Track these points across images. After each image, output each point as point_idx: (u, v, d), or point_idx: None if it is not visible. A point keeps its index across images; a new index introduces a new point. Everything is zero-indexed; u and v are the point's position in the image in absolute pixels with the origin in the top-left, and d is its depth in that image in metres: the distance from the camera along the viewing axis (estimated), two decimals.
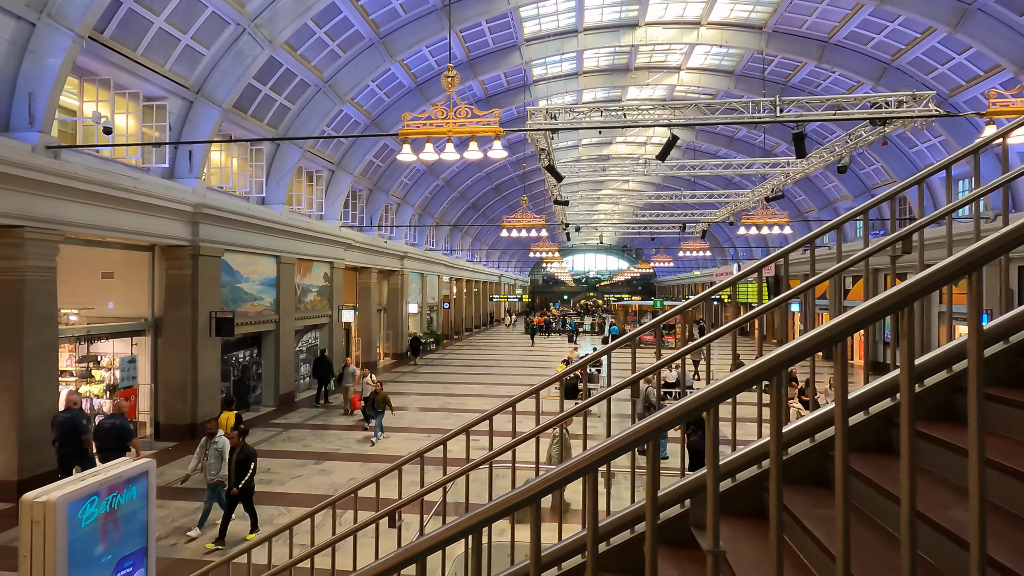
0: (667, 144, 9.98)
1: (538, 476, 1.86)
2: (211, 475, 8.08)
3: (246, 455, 7.87)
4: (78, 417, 8.61)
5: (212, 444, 8.22)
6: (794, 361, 1.60)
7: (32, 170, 9.10)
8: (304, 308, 18.46)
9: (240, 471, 7.79)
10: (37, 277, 9.56)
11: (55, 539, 3.58)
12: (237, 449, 7.86)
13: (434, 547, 1.85)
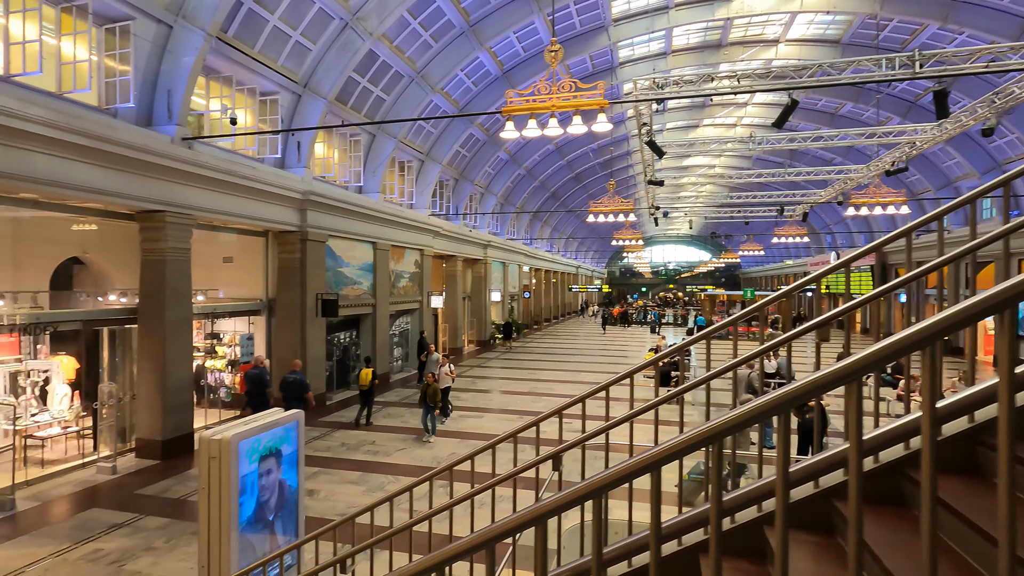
0: (786, 109, 9.31)
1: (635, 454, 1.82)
2: None
3: None
4: (263, 373, 10.91)
5: None
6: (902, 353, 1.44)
7: (171, 159, 10.01)
8: (397, 293, 19.17)
9: None
10: (175, 258, 10.53)
11: (229, 471, 3.89)
12: None
13: (555, 511, 1.83)
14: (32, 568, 6.50)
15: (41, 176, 8.11)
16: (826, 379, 1.50)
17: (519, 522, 1.87)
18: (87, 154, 8.67)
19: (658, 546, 1.75)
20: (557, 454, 3.87)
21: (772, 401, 1.55)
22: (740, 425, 1.61)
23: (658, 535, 1.73)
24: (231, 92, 12.12)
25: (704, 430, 1.64)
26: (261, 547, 4.36)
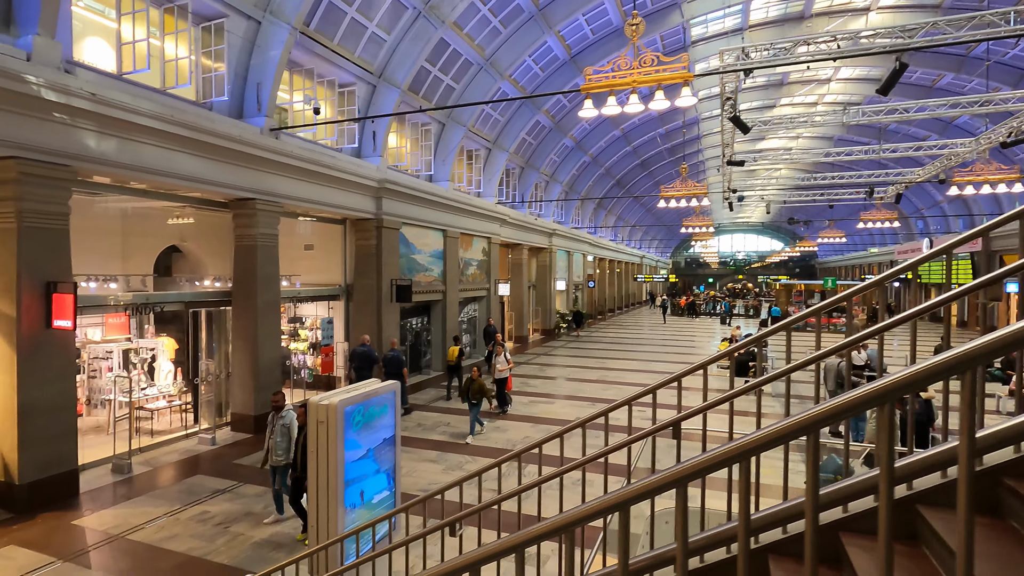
0: (893, 73, 8.49)
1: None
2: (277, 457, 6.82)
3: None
4: (371, 351, 12.36)
5: (279, 419, 6.97)
6: None
7: (261, 149, 10.52)
8: (466, 281, 19.42)
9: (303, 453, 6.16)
10: (265, 243, 11.10)
11: (336, 434, 4.02)
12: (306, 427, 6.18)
13: (641, 496, 1.79)
14: (150, 525, 7.07)
15: (150, 166, 8.73)
16: (938, 367, 1.39)
17: (612, 503, 1.84)
18: (188, 145, 9.25)
19: (747, 539, 1.68)
20: (647, 435, 3.70)
21: (879, 389, 1.46)
22: (841, 414, 1.54)
23: (747, 527, 1.65)
24: (312, 84, 12.59)
25: (804, 418, 1.57)
26: (362, 512, 4.51)
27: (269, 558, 6.25)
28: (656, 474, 1.79)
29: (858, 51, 8.54)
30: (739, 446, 1.63)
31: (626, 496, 1.78)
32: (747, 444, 1.63)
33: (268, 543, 6.59)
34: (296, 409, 6.86)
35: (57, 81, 7.30)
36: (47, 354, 7.53)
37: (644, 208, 48.63)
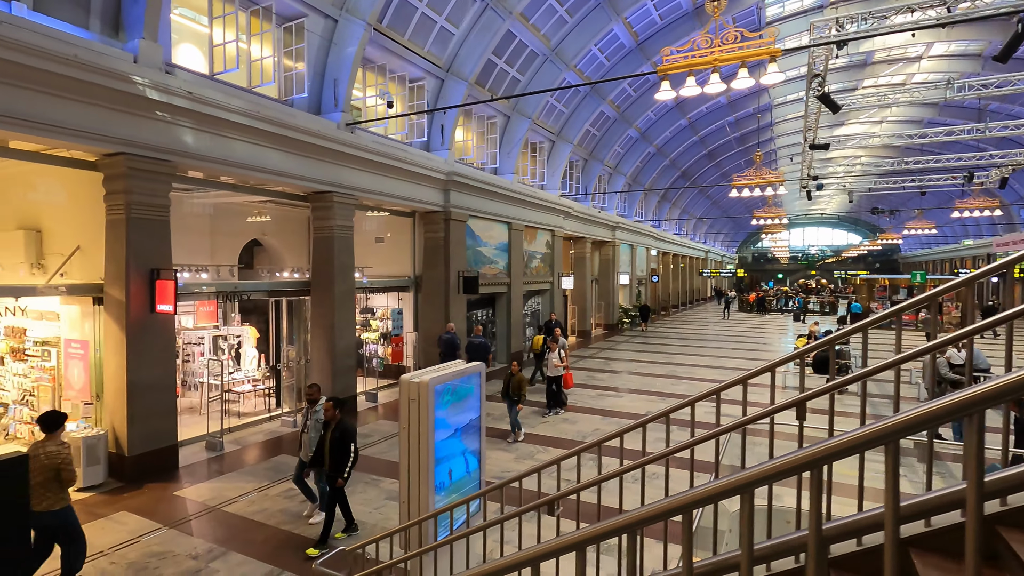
0: (1015, 37, 7.62)
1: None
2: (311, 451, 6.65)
3: (342, 432, 6.22)
4: (455, 338, 13.13)
5: (313, 413, 6.88)
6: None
7: (338, 143, 10.88)
8: (530, 273, 19.40)
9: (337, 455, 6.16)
10: (341, 234, 11.48)
11: (427, 410, 4.05)
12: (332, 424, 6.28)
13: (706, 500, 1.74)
14: (243, 499, 7.46)
15: (239, 160, 9.20)
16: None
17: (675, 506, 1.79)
18: (272, 140, 9.68)
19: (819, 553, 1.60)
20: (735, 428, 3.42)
21: (967, 399, 1.35)
22: (922, 425, 1.44)
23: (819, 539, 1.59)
24: (384, 80, 12.90)
25: (882, 428, 1.45)
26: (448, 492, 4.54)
27: (353, 536, 6.45)
28: (723, 478, 1.75)
29: (971, 14, 7.74)
30: (809, 455, 1.56)
31: (689, 500, 1.75)
32: (818, 453, 1.55)
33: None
34: (324, 403, 6.49)
35: (160, 81, 7.81)
36: (151, 336, 8.09)
37: (710, 200, 46.97)
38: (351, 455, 6.22)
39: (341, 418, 6.34)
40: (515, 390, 9.82)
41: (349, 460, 6.21)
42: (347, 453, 6.19)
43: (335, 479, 6.18)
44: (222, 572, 5.69)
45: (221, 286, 10.38)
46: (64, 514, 5.05)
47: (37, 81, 6.68)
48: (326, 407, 6.41)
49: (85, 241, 8.83)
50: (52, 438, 5.09)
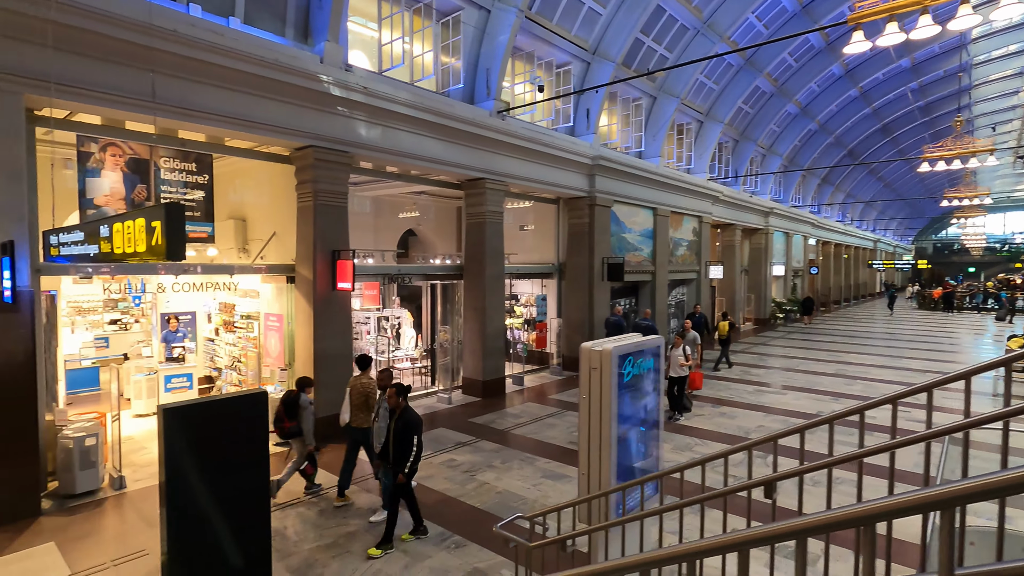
0: None
1: None
2: (382, 440, 6.02)
3: (405, 423, 5.63)
4: (622, 320, 13.96)
5: (384, 400, 6.28)
6: None
7: (490, 130, 11.16)
8: (675, 262, 18.48)
9: (399, 447, 5.56)
10: (492, 220, 11.80)
11: (610, 380, 3.86)
12: (396, 413, 5.70)
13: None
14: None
15: (404, 150, 9.81)
16: None
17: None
18: (432, 129, 10.18)
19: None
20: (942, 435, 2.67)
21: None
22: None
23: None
24: (531, 68, 13.00)
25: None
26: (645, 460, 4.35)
27: (513, 508, 6.53)
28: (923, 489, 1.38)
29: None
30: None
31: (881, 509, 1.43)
32: None
33: (511, 494, 6.90)
34: (388, 389, 5.81)
35: (340, 78, 8.56)
36: (333, 311, 8.95)
37: (882, 183, 41.26)
38: (414, 448, 5.54)
39: (406, 407, 5.69)
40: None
41: (411, 454, 5.54)
42: (409, 446, 5.52)
43: (397, 473, 5.57)
44: (398, 528, 6.05)
45: (386, 269, 11.19)
46: (364, 433, 6.65)
47: (247, 84, 7.64)
48: (389, 393, 5.71)
49: (279, 228, 10.02)
50: (364, 374, 6.85)
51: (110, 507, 6.52)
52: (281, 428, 6.56)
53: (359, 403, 6.70)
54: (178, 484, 3.07)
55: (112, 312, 13.02)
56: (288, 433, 6.62)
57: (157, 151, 8.11)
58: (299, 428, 6.57)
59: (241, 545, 3.34)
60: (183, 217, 3.09)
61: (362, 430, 6.69)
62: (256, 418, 3.34)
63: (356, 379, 6.88)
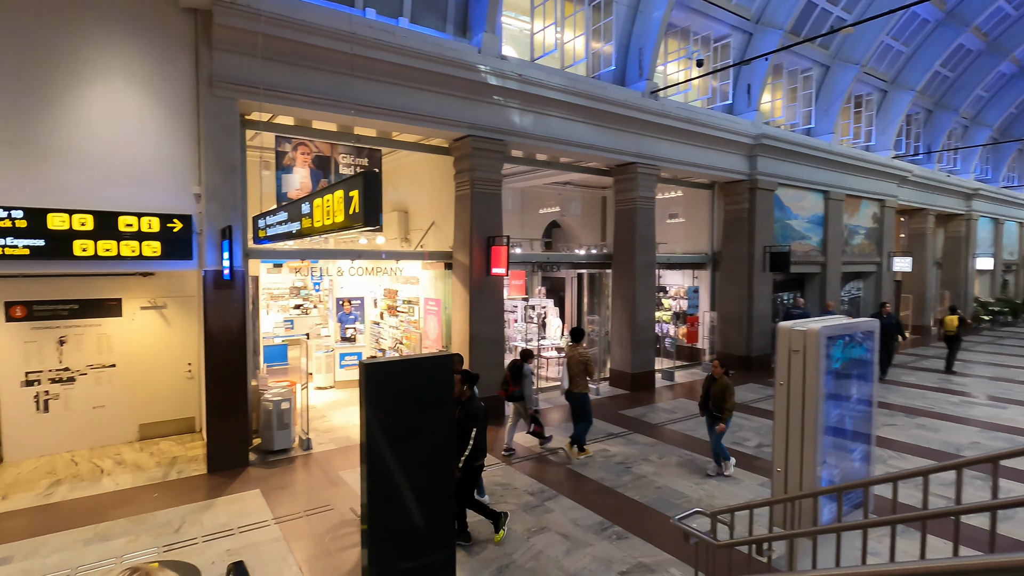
0: None
1: None
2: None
3: (466, 414, 5.20)
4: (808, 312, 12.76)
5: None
6: None
7: (643, 112, 10.68)
8: (850, 252, 16.31)
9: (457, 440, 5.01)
10: (643, 206, 11.30)
11: (816, 365, 3.34)
12: (463, 400, 5.33)
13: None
14: (562, 451, 7.85)
15: (555, 136, 9.74)
16: None
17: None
18: (583, 114, 9.99)
19: None
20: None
21: None
22: None
23: None
24: (686, 44, 12.20)
25: None
26: (839, 469, 3.76)
27: (676, 504, 6.10)
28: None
29: None
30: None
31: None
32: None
33: (672, 491, 6.48)
34: (455, 376, 4.81)
35: (497, 67, 8.72)
36: (487, 296, 9.18)
37: None
38: (470, 442, 5.09)
39: (471, 396, 5.35)
40: (717, 401, 6.83)
41: (467, 448, 5.08)
42: (466, 439, 5.08)
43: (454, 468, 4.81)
44: (556, 512, 5.98)
45: (534, 257, 11.25)
46: (583, 397, 7.62)
47: (413, 79, 8.08)
48: (457, 380, 5.09)
49: (437, 218, 10.53)
50: (579, 345, 7.88)
51: (300, 465, 7.30)
52: (506, 391, 7.72)
53: (578, 371, 7.64)
54: (376, 436, 3.22)
55: (295, 298, 14.79)
56: (512, 396, 7.69)
57: (337, 148, 8.94)
58: (521, 393, 7.61)
59: (428, 500, 3.43)
60: (379, 184, 3.25)
61: (582, 394, 7.66)
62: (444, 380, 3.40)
63: (572, 349, 7.85)
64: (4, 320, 7.27)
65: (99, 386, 7.85)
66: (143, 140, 6.73)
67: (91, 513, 5.85)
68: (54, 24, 6.23)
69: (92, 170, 6.45)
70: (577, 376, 7.66)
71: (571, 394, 7.75)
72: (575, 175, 13.11)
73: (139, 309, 8.12)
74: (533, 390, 7.77)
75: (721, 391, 6.80)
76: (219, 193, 6.94)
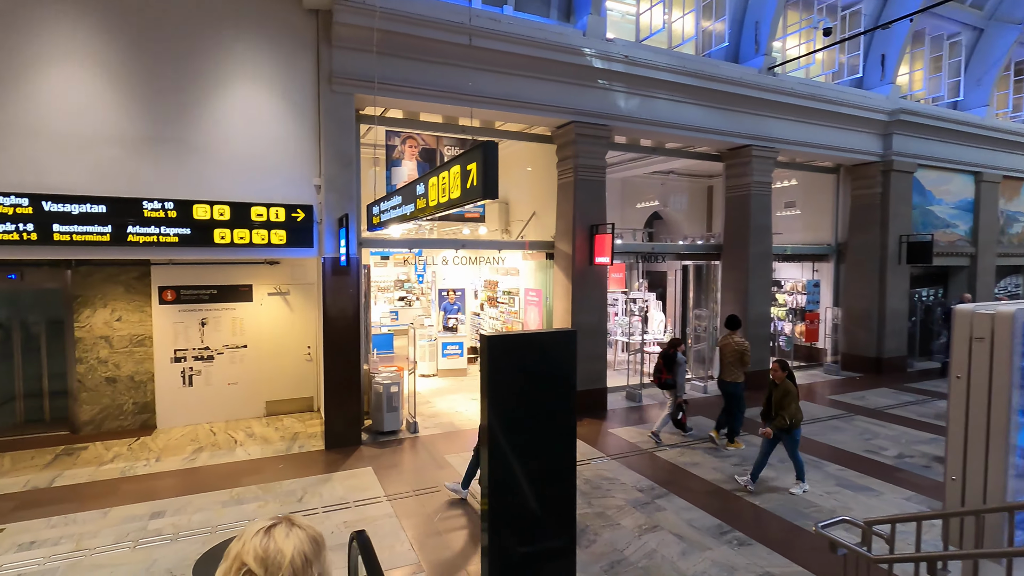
0: None
1: None
2: None
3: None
4: None
5: None
6: None
7: (759, 89, 9.90)
8: (1008, 242, 14.16)
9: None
10: (759, 192, 10.49)
11: (1007, 353, 2.79)
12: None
13: None
14: (671, 448, 7.45)
15: (661, 119, 9.28)
16: None
17: None
18: (692, 94, 9.43)
19: None
20: None
21: None
22: None
23: None
24: (809, 15, 11.15)
25: None
26: None
27: (805, 513, 5.53)
28: None
29: None
30: None
31: None
32: None
33: (799, 498, 5.89)
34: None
35: (603, 50, 8.44)
36: (589, 286, 8.95)
37: None
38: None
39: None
40: (776, 406, 6.10)
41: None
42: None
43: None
44: (668, 511, 5.64)
45: (638, 247, 10.82)
46: (736, 386, 7.49)
47: (517, 66, 8.02)
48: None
49: (538, 208, 10.45)
50: (734, 334, 7.64)
51: (407, 447, 7.52)
52: (659, 378, 7.84)
53: (733, 360, 7.48)
54: (497, 412, 3.14)
55: (399, 291, 15.42)
56: (664, 384, 7.82)
57: (442, 140, 9.12)
58: (673, 381, 7.71)
59: (549, 482, 3.31)
60: (497, 155, 3.16)
61: (735, 383, 7.50)
62: (566, 356, 3.25)
63: (727, 338, 7.63)
64: (158, 303, 8.16)
65: (233, 365, 8.59)
66: (270, 135, 7.23)
67: (227, 478, 6.38)
68: (193, 33, 6.85)
69: (227, 164, 7.03)
70: (731, 365, 7.50)
71: (723, 383, 7.60)
72: (678, 163, 12.49)
73: (266, 295, 8.78)
74: (685, 377, 7.88)
75: (781, 397, 6.09)
76: (337, 184, 7.31)
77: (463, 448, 7.52)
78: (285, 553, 1.04)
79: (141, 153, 6.65)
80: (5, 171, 6.14)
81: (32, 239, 6.13)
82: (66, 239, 6.25)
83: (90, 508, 5.60)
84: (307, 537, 1.09)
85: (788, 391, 6.06)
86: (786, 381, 6.11)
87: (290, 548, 1.05)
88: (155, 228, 6.59)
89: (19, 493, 6.00)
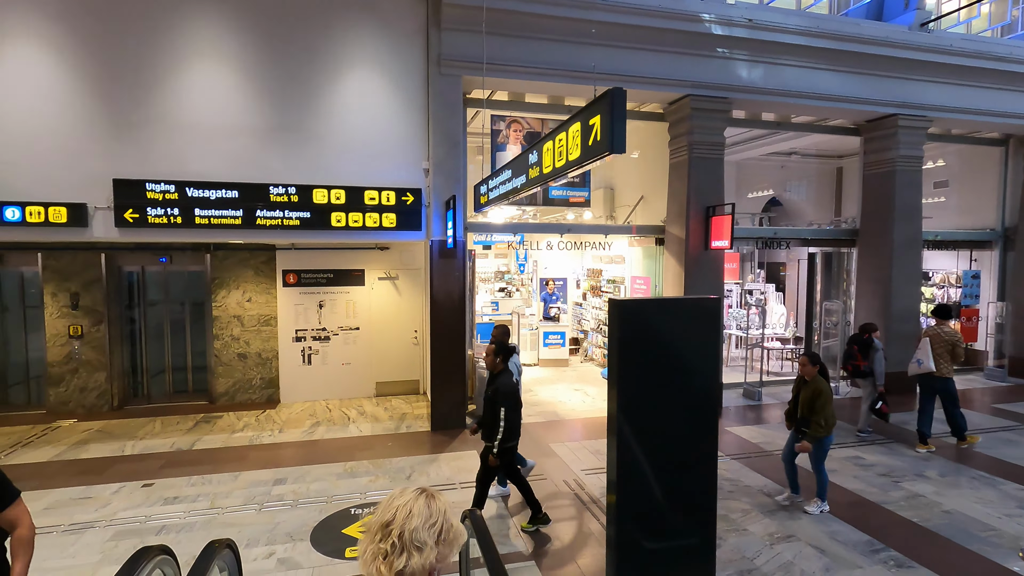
0: None
1: None
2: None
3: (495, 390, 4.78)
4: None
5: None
6: None
7: (910, 49, 8.64)
8: None
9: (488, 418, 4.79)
10: (906, 167, 9.20)
11: None
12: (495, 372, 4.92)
13: None
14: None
15: (789, 88, 8.37)
16: None
17: None
18: (827, 58, 8.41)
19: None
20: None
21: None
22: None
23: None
24: None
25: None
26: None
27: (978, 536, 4.64)
28: None
29: None
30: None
31: None
32: None
33: (969, 519, 4.98)
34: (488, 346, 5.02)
35: (723, 14, 7.75)
36: (704, 272, 8.30)
37: None
38: (501, 423, 4.64)
39: (503, 370, 4.86)
40: (807, 411, 5.14)
41: (499, 429, 4.65)
42: (497, 418, 4.66)
43: (486, 454, 4.80)
44: (804, 520, 5.00)
45: (759, 232, 9.91)
46: (947, 382, 6.75)
47: (626, 38, 7.56)
48: (487, 351, 4.95)
49: (647, 192, 9.90)
50: (944, 323, 6.89)
51: None
52: (855, 366, 7.22)
53: (942, 352, 6.76)
54: (627, 392, 2.83)
55: (499, 282, 15.43)
56: (860, 372, 7.19)
57: (546, 123, 8.88)
58: (871, 368, 7.09)
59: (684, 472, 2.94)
60: (625, 102, 2.84)
61: (947, 379, 6.75)
62: (710, 328, 2.85)
63: (934, 328, 6.89)
64: (282, 285, 8.71)
65: (347, 346, 8.98)
66: (382, 120, 7.39)
67: (341, 452, 6.61)
68: (311, 24, 7.13)
69: (342, 150, 7.28)
70: (941, 358, 6.77)
71: (932, 378, 6.81)
72: (803, 141, 11.32)
73: (377, 280, 9.08)
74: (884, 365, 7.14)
75: (811, 397, 5.10)
76: (444, 167, 7.32)
77: (568, 437, 7.28)
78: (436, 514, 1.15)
79: (267, 141, 7.06)
80: (156, 162, 6.78)
81: (177, 222, 6.71)
82: (205, 222, 6.78)
83: (223, 471, 6.03)
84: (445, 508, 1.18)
85: (821, 390, 5.07)
86: (817, 378, 5.12)
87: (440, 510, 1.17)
88: (279, 212, 6.97)
89: (166, 453, 6.62)
